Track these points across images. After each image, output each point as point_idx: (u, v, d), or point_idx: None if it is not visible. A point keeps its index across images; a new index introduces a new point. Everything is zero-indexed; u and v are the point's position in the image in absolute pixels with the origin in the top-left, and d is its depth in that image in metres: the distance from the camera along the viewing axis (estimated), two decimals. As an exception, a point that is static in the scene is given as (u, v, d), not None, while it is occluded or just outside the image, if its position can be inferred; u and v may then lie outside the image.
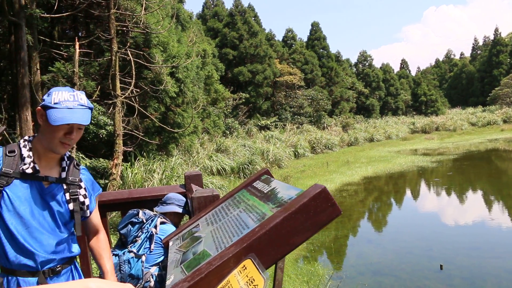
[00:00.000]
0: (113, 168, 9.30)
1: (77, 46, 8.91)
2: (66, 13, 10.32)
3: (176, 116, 12.80)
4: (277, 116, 34.92)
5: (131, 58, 9.94)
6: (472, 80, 67.34)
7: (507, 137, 35.46)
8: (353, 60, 60.04)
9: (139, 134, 10.54)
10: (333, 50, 55.74)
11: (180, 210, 3.21)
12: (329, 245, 9.67)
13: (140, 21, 10.35)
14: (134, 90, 10.30)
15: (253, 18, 37.41)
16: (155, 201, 3.36)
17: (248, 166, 17.65)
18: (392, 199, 15.09)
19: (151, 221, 3.02)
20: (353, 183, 17.33)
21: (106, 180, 9.48)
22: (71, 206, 2.14)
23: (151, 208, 3.30)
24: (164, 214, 3.17)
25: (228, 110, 27.71)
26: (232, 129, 26.13)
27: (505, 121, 46.71)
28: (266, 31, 42.33)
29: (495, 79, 59.78)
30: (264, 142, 25.50)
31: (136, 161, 10.82)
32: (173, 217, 3.22)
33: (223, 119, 25.51)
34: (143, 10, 10.19)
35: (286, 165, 22.24)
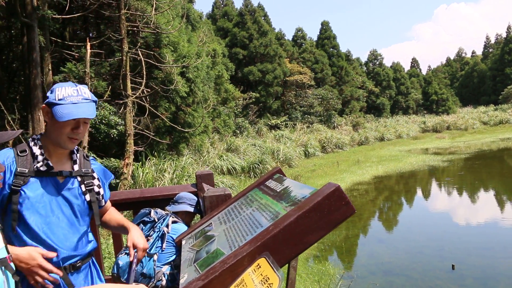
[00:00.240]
0: (124, 167, 9.35)
1: (88, 47, 8.96)
2: (77, 14, 10.39)
3: (187, 115, 12.83)
4: (287, 115, 34.88)
5: (142, 58, 9.99)
6: (484, 78, 66.71)
7: (520, 136, 35.13)
8: (363, 59, 59.87)
9: (150, 134, 10.58)
10: (343, 49, 55.46)
11: (192, 209, 3.21)
12: (339, 245, 9.64)
13: (151, 21, 10.38)
14: (145, 90, 10.34)
15: (263, 18, 37.39)
16: (166, 200, 3.36)
17: (258, 165, 17.65)
18: (403, 199, 15.01)
19: (162, 220, 3.02)
20: (364, 182, 17.26)
21: (117, 180, 9.52)
22: (88, 197, 2.18)
23: (163, 207, 3.31)
24: (176, 213, 3.17)
25: (238, 110, 27.75)
26: (242, 128, 26.14)
27: (517, 120, 46.24)
28: (276, 30, 42.34)
29: (508, 77, 59.18)
30: (274, 141, 25.48)
31: (147, 160, 10.87)
32: (185, 216, 3.22)
33: (233, 118, 25.53)
34: (153, 10, 10.22)
35: (296, 164, 22.21)
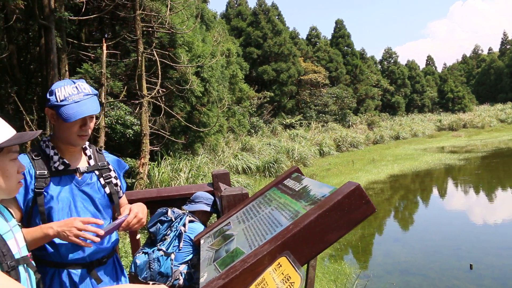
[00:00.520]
0: (140, 167, 9.40)
1: (104, 47, 9.03)
2: (93, 15, 10.47)
3: (202, 115, 12.86)
4: (302, 114, 34.80)
5: (157, 58, 10.03)
6: (501, 75, 65.80)
7: (538, 134, 34.63)
8: (378, 57, 59.58)
9: (165, 134, 10.63)
10: (357, 47, 55.10)
11: (208, 208, 3.23)
12: (355, 244, 9.60)
13: (165, 22, 10.42)
14: (160, 90, 10.38)
15: (276, 17, 37.32)
16: (183, 199, 3.38)
17: (273, 164, 17.62)
18: (419, 198, 14.89)
19: (179, 219, 3.04)
20: (379, 181, 17.16)
21: (133, 179, 9.58)
22: (108, 189, 2.21)
23: (180, 207, 3.33)
24: (193, 213, 3.19)
25: (253, 109, 27.75)
26: (257, 128, 26.15)
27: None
28: (290, 29, 42.22)
29: (525, 74, 58.36)
30: (289, 140, 25.45)
31: (163, 160, 10.93)
32: (201, 216, 3.24)
33: (248, 118, 25.54)
34: (168, 10, 10.26)
35: (311, 163, 22.15)
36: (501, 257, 8.27)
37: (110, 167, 2.27)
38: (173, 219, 3.04)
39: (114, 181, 2.25)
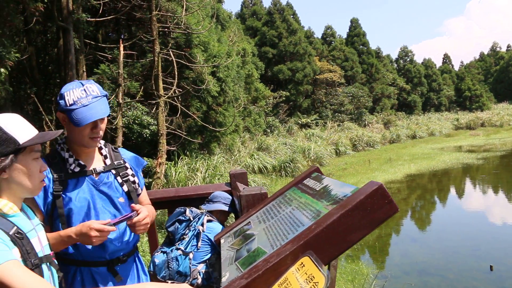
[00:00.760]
0: (157, 167, 9.45)
1: (121, 48, 9.10)
2: (110, 17, 10.55)
3: (218, 115, 12.89)
4: (318, 114, 34.72)
5: (173, 59, 10.08)
6: (520, 73, 64.94)
7: (558, 133, 34.04)
8: (394, 56, 58.91)
9: (182, 133, 10.68)
10: (373, 46, 54.62)
11: (227, 208, 3.24)
12: (372, 244, 9.54)
13: (181, 22, 10.47)
14: (177, 90, 10.43)
15: (291, 16, 37.29)
16: (201, 199, 3.39)
17: (289, 164, 17.60)
18: (436, 197, 14.74)
19: (198, 219, 3.05)
20: (396, 181, 17.02)
21: (150, 179, 9.65)
22: (125, 187, 2.22)
23: (197, 206, 3.34)
24: (211, 212, 3.19)
25: (269, 109, 27.75)
26: (273, 127, 26.15)
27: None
28: (305, 28, 42.17)
29: (545, 72, 57.47)
30: (305, 140, 25.42)
31: (179, 160, 10.99)
32: (220, 215, 3.25)
33: (264, 117, 25.55)
34: (183, 11, 10.30)
35: (327, 163, 22.08)
36: (522, 258, 8.15)
37: (127, 165, 2.28)
38: (191, 219, 3.05)
39: (131, 178, 2.27)
